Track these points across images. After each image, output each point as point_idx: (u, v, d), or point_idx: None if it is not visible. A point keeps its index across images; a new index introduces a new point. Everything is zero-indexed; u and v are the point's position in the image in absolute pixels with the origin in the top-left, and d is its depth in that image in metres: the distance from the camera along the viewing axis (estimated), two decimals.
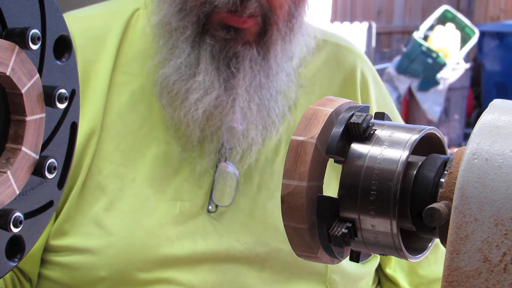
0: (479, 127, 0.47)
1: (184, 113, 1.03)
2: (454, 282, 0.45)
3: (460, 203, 0.46)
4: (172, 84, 1.04)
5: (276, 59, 1.05)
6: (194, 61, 1.03)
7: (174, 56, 1.04)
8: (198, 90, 1.02)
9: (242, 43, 1.02)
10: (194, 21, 1.02)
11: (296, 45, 1.08)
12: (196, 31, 1.03)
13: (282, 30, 1.04)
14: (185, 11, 1.02)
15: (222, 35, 1.02)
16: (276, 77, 1.06)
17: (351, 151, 0.52)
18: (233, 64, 1.03)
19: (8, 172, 0.49)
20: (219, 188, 1.06)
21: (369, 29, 5.86)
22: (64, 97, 0.51)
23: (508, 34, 5.67)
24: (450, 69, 5.43)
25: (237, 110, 1.03)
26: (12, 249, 0.50)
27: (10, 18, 0.47)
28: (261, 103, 1.05)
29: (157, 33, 1.07)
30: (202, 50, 1.03)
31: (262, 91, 1.05)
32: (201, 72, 1.02)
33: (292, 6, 1.04)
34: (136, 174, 1.05)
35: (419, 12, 7.16)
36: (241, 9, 1.00)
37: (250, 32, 1.03)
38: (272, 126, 1.07)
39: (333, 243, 0.52)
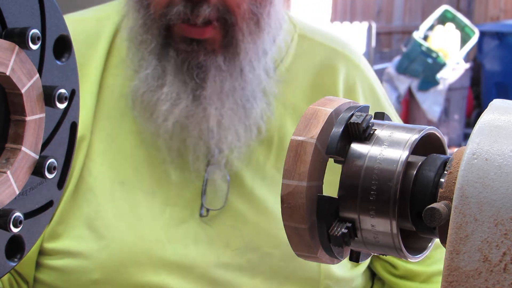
0: (479, 127, 0.47)
1: (155, 125, 1.03)
2: (454, 282, 0.45)
3: (460, 203, 0.46)
4: (141, 96, 1.04)
5: (247, 58, 1.03)
6: (160, 72, 1.03)
7: (142, 68, 1.04)
8: (166, 102, 1.02)
9: (204, 53, 1.01)
10: (157, 34, 1.02)
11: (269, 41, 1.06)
12: (160, 44, 1.02)
13: (245, 29, 1.02)
14: (147, 24, 1.02)
15: (183, 48, 1.01)
16: (250, 76, 1.04)
17: (351, 151, 0.52)
18: (198, 75, 1.02)
19: (8, 172, 0.49)
20: (209, 192, 1.06)
21: (369, 29, 5.86)
22: (64, 97, 0.51)
23: (508, 34, 5.67)
24: (450, 69, 5.43)
25: (210, 118, 1.02)
26: (12, 249, 0.50)
27: (10, 18, 0.47)
28: (237, 105, 1.04)
29: (127, 46, 1.07)
30: (166, 62, 1.02)
31: (235, 94, 1.04)
32: (166, 83, 1.02)
33: (252, 4, 1.02)
34: (125, 177, 1.05)
35: (419, 12, 7.16)
36: (194, 18, 0.98)
37: (214, 40, 1.01)
38: (254, 126, 1.06)
39: (333, 243, 0.52)
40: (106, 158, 1.06)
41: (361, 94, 1.14)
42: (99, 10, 1.18)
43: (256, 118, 1.06)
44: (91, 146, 1.06)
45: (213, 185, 1.06)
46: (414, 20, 7.05)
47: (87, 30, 1.12)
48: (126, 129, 1.07)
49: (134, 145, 1.07)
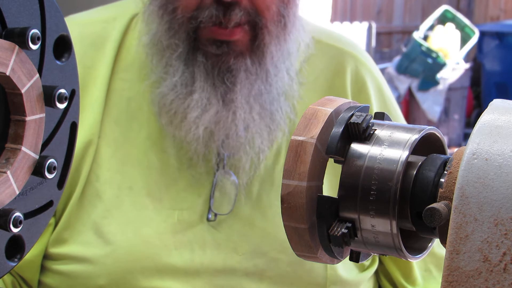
0: (479, 127, 0.47)
1: (185, 132, 1.03)
2: (454, 282, 0.45)
3: (460, 203, 0.46)
4: (170, 104, 1.03)
5: (272, 61, 1.04)
6: (189, 79, 1.02)
7: (169, 75, 1.03)
8: (196, 108, 1.02)
9: (234, 56, 1.01)
10: (184, 38, 1.01)
11: (292, 42, 1.06)
12: (188, 48, 1.02)
13: (273, 31, 1.02)
14: (174, 29, 1.01)
15: (213, 51, 1.01)
16: (275, 78, 1.05)
17: (351, 151, 0.52)
18: (228, 78, 1.02)
19: (8, 172, 0.49)
20: (218, 197, 1.05)
21: (369, 29, 5.86)
22: (64, 97, 0.51)
23: (508, 34, 5.67)
24: (450, 69, 5.43)
25: (239, 122, 1.02)
26: (12, 249, 0.50)
27: (10, 18, 0.47)
28: (263, 109, 1.04)
29: (149, 52, 1.06)
30: (196, 67, 1.02)
31: (262, 97, 1.04)
32: (196, 90, 1.02)
33: (280, 5, 1.02)
34: (133, 182, 1.05)
35: (419, 12, 7.16)
36: (226, 21, 0.98)
37: (242, 42, 1.01)
38: (277, 129, 1.06)
39: (333, 243, 0.52)
40: (114, 163, 1.05)
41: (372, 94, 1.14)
42: (105, 11, 1.17)
43: (280, 122, 1.06)
44: (98, 150, 1.05)
45: (221, 189, 1.06)
46: (414, 20, 7.05)
47: (94, 33, 1.10)
48: (134, 133, 1.07)
49: (143, 149, 1.06)
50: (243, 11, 0.99)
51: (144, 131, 1.07)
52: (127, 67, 1.09)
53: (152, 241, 1.03)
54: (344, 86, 1.13)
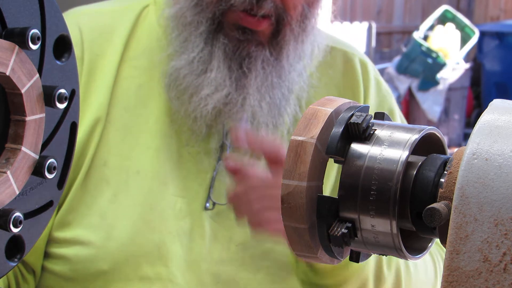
0: (479, 127, 0.47)
1: (193, 108, 1.04)
2: (454, 282, 0.45)
3: (460, 203, 0.46)
4: (183, 77, 1.05)
5: (288, 59, 1.06)
6: (207, 57, 1.04)
7: (187, 50, 1.05)
8: (209, 86, 1.03)
9: (255, 44, 1.03)
10: (209, 17, 1.03)
11: (308, 45, 1.08)
12: (211, 28, 1.03)
13: (295, 30, 1.04)
14: (201, 6, 1.03)
15: (236, 36, 1.03)
16: (288, 76, 1.07)
17: (351, 151, 0.52)
18: (246, 64, 1.04)
19: (8, 172, 0.49)
20: (218, 186, 1.06)
21: (369, 29, 5.86)
22: (64, 97, 0.51)
23: (508, 34, 5.67)
24: (450, 69, 5.43)
25: (247, 108, 1.04)
26: (12, 249, 0.50)
27: (10, 18, 0.47)
28: (272, 102, 1.06)
29: (170, 25, 1.07)
30: (215, 47, 1.03)
31: (274, 91, 1.05)
32: (213, 68, 1.03)
33: (305, 7, 1.05)
34: (140, 166, 1.06)
35: (419, 12, 7.16)
36: (257, 9, 1.00)
37: (264, 34, 1.03)
38: (283, 126, 1.07)
39: (333, 243, 0.52)
40: (123, 149, 1.06)
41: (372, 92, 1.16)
42: (117, 2, 1.18)
43: (286, 119, 1.08)
44: (107, 136, 1.06)
45: (221, 179, 1.07)
46: (414, 20, 7.05)
47: (104, 22, 1.12)
48: (143, 118, 1.08)
49: (151, 134, 1.07)
50: (273, 4, 1.01)
51: (153, 116, 1.08)
52: (137, 55, 1.10)
53: (155, 227, 1.04)
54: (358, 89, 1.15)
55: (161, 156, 1.06)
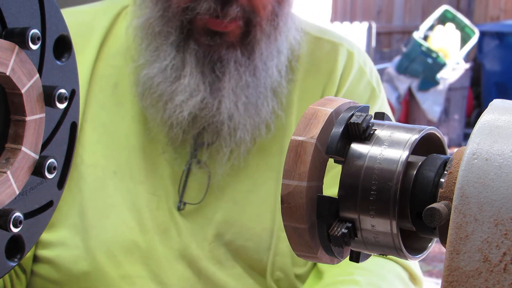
0: (479, 127, 0.47)
1: (168, 115, 1.04)
2: (454, 282, 0.45)
3: (460, 203, 0.46)
4: (157, 85, 1.04)
5: (261, 58, 1.05)
6: (179, 64, 1.03)
7: (159, 58, 1.04)
8: (184, 93, 1.03)
9: (226, 46, 1.03)
10: (178, 26, 1.03)
11: (283, 41, 1.07)
12: (180, 36, 1.03)
13: (266, 29, 1.04)
14: (168, 17, 1.03)
15: (206, 41, 1.02)
16: (263, 74, 1.06)
17: (351, 151, 0.52)
18: (218, 68, 1.03)
19: (8, 172, 0.49)
20: (190, 185, 1.07)
21: (369, 29, 5.86)
22: (64, 97, 0.51)
23: (508, 34, 5.67)
24: (450, 69, 5.43)
25: (224, 111, 1.04)
26: (12, 249, 0.50)
27: (10, 18, 0.47)
28: (249, 101, 1.05)
29: (139, 36, 1.07)
30: (187, 54, 1.03)
31: (249, 90, 1.05)
32: (186, 75, 1.03)
33: (275, 5, 1.04)
34: (117, 166, 1.07)
35: (419, 12, 7.16)
36: (223, 15, 1.00)
37: (233, 35, 1.03)
38: (263, 124, 1.07)
39: (333, 243, 0.52)
40: (99, 147, 1.07)
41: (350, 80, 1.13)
42: (99, 3, 1.20)
43: (266, 117, 1.07)
44: (84, 134, 1.06)
45: (194, 178, 1.07)
46: (414, 20, 7.05)
47: (83, 21, 1.13)
48: (120, 117, 1.08)
49: (128, 134, 1.08)
50: (240, 7, 1.01)
51: (129, 115, 1.08)
52: (115, 54, 1.11)
53: (135, 226, 1.04)
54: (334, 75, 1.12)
55: (137, 156, 1.07)
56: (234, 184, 1.08)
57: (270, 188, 1.08)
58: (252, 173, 1.09)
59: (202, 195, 1.07)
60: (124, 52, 1.10)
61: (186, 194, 1.07)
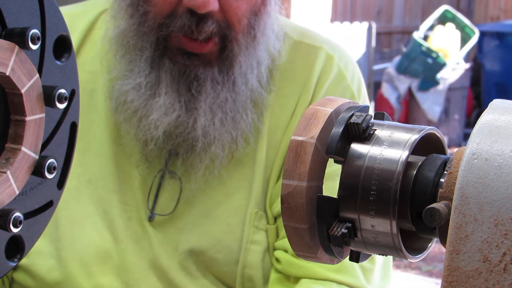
0: (479, 127, 0.47)
1: (143, 131, 1.02)
2: (454, 282, 0.45)
3: (460, 203, 0.46)
4: (131, 102, 1.03)
5: (241, 71, 1.03)
6: (154, 81, 1.02)
7: (133, 74, 1.03)
8: (159, 111, 1.01)
9: (203, 66, 1.01)
10: (153, 41, 1.01)
11: (262, 51, 1.05)
12: (155, 53, 1.01)
13: (243, 43, 1.02)
14: (143, 31, 1.01)
15: (182, 61, 1.01)
16: (242, 87, 1.04)
17: (351, 151, 0.52)
18: (194, 87, 1.01)
19: (7, 172, 0.49)
20: (161, 196, 1.06)
21: (369, 29, 5.86)
22: (64, 97, 0.51)
23: (508, 34, 5.67)
24: (450, 69, 5.43)
25: (198, 128, 1.02)
26: (11, 249, 0.50)
27: (10, 18, 0.47)
28: (225, 117, 1.03)
29: (114, 47, 1.06)
30: (162, 71, 1.01)
31: (227, 106, 1.03)
32: (161, 93, 1.01)
33: (251, 17, 1.02)
34: (92, 175, 1.06)
35: (419, 12, 7.16)
36: (198, 32, 0.98)
37: (210, 53, 1.01)
38: (241, 137, 1.05)
39: (333, 243, 0.52)
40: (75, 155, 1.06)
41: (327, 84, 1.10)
42: (77, 6, 1.17)
43: (245, 130, 1.05)
44: None
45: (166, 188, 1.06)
46: (414, 20, 7.05)
47: None
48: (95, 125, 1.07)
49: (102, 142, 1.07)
50: (215, 23, 0.98)
51: (104, 123, 1.07)
52: (92, 60, 1.09)
53: (107, 236, 1.04)
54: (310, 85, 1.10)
55: (111, 165, 1.06)
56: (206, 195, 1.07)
57: (241, 198, 1.06)
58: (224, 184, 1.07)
59: (173, 206, 1.06)
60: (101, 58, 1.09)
61: (157, 205, 1.06)
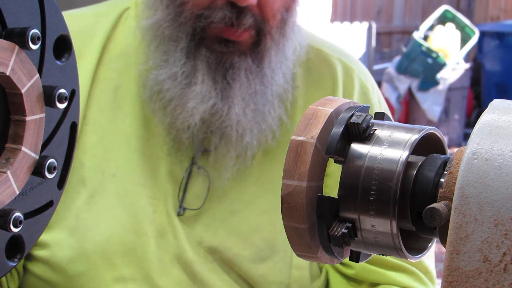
0: (479, 127, 0.47)
1: (181, 120, 1.04)
2: (454, 282, 0.45)
3: (460, 203, 0.46)
4: (166, 91, 1.05)
5: (270, 65, 1.06)
6: (190, 70, 1.04)
7: (168, 63, 1.04)
8: (195, 99, 1.03)
9: (238, 54, 1.04)
10: (189, 32, 1.03)
11: (289, 47, 1.09)
12: (191, 43, 1.03)
13: (275, 38, 1.05)
14: (179, 21, 1.03)
15: (219, 48, 1.03)
16: (271, 81, 1.07)
17: (351, 151, 0.52)
18: (230, 75, 1.04)
19: (8, 172, 0.49)
20: (190, 190, 1.07)
21: (369, 29, 5.86)
22: (64, 97, 0.51)
23: (508, 34, 5.67)
24: (450, 69, 5.43)
25: (233, 117, 1.04)
26: (12, 249, 0.50)
27: (10, 18, 0.47)
28: (256, 108, 1.06)
29: (148, 37, 1.07)
30: (198, 60, 1.03)
31: (257, 97, 1.06)
32: (198, 82, 1.03)
33: (284, 13, 1.05)
34: (117, 169, 1.07)
35: (419, 12, 7.16)
36: (237, 24, 1.01)
37: (245, 43, 1.04)
38: (268, 130, 1.08)
39: (333, 243, 0.52)
40: (99, 150, 1.07)
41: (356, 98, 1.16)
42: (99, 6, 1.20)
43: (272, 124, 1.08)
44: (84, 138, 1.07)
45: (194, 183, 1.08)
46: (414, 20, 7.05)
47: (84, 25, 1.13)
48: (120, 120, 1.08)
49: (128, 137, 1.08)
50: (253, 17, 1.02)
51: (129, 118, 1.08)
52: (116, 58, 1.11)
53: (131, 229, 1.05)
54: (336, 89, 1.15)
55: (137, 159, 1.07)
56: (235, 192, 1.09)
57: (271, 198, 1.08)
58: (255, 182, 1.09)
59: (202, 201, 1.07)
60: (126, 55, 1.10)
61: (185, 199, 1.07)
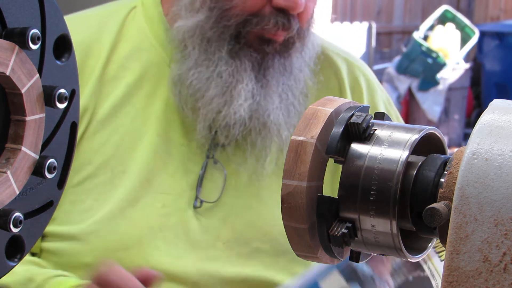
0: (479, 127, 0.47)
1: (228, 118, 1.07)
2: (454, 282, 0.45)
3: (460, 203, 0.46)
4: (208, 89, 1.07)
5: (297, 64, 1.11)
6: (234, 70, 1.07)
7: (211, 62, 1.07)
8: (239, 98, 1.06)
9: (274, 53, 1.08)
10: (233, 35, 1.06)
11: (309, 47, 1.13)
12: (236, 46, 1.06)
13: (303, 40, 1.10)
14: (223, 24, 1.05)
15: (265, 48, 1.07)
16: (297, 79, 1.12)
17: (351, 151, 0.52)
18: (269, 74, 1.08)
19: (8, 172, 0.49)
20: (206, 184, 1.09)
21: (369, 29, 5.86)
22: (64, 97, 0.51)
23: (508, 34, 5.67)
24: (450, 69, 5.43)
25: (271, 113, 1.08)
26: (12, 249, 0.50)
27: (10, 18, 0.47)
28: (289, 103, 1.11)
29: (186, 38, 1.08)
30: (241, 60, 1.07)
31: (288, 94, 1.11)
32: (243, 81, 1.06)
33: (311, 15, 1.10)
34: (127, 166, 1.08)
35: (419, 12, 7.16)
36: (287, 28, 1.06)
37: (279, 42, 1.08)
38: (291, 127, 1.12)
39: (333, 243, 0.52)
40: (109, 147, 1.08)
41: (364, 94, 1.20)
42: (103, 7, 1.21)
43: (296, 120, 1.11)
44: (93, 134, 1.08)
45: (210, 177, 1.09)
46: (414, 20, 7.05)
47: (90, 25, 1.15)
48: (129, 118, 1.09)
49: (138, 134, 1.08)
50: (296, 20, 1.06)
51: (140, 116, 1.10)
52: (127, 56, 1.12)
53: (137, 223, 1.05)
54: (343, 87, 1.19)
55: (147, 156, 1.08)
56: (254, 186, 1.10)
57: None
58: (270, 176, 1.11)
59: (218, 194, 1.08)
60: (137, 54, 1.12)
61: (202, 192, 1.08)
